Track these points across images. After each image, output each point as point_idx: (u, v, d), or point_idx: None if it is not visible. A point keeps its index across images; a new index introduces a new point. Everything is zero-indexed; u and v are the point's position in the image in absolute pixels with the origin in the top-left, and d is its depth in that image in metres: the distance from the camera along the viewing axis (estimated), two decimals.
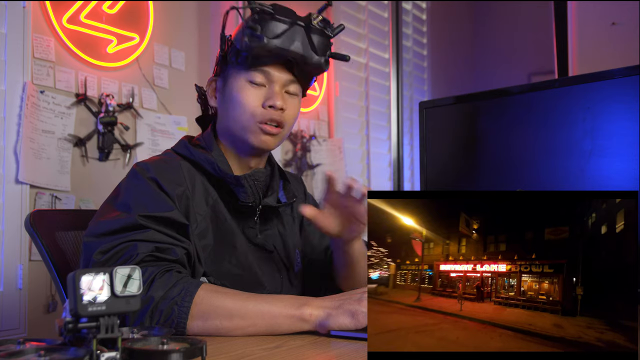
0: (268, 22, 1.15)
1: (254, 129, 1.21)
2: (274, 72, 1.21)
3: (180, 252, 1.07)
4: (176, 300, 0.97)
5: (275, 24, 1.15)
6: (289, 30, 1.16)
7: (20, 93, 1.99)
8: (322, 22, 1.20)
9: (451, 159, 1.65)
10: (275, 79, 1.21)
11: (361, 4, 3.60)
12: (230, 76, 1.23)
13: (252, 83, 1.21)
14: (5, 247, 1.94)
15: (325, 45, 1.21)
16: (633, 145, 1.31)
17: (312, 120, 3.25)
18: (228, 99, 1.23)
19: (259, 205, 1.25)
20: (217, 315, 0.97)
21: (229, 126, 1.24)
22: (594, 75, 1.39)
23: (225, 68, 1.25)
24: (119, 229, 1.05)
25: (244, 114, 1.21)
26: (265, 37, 1.14)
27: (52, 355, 0.59)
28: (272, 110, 1.20)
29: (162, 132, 2.45)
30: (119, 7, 2.32)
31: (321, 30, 1.20)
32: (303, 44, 1.17)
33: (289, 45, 1.16)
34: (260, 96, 1.21)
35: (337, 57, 1.25)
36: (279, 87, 1.22)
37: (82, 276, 0.59)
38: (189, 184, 1.17)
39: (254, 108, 1.20)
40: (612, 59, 3.01)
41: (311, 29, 1.18)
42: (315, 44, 1.19)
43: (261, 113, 1.20)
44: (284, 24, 1.16)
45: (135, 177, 1.15)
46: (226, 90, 1.24)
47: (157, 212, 1.07)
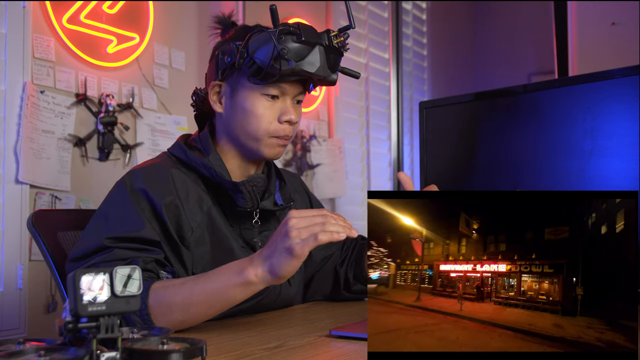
0: (294, 45, 1.15)
1: (268, 142, 1.23)
2: (288, 87, 1.22)
3: (143, 261, 1.08)
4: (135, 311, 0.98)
5: (301, 47, 1.15)
6: (312, 51, 1.17)
7: (20, 93, 1.99)
8: (341, 42, 1.21)
9: (451, 159, 1.65)
10: (289, 92, 1.23)
11: (361, 4, 3.60)
12: (242, 86, 1.22)
13: (268, 97, 1.22)
14: (5, 247, 1.94)
15: (338, 62, 1.23)
16: (633, 145, 1.31)
17: (312, 120, 3.25)
18: (239, 109, 1.23)
19: (257, 209, 1.25)
20: (174, 311, 0.99)
21: (236, 134, 1.25)
22: (594, 75, 1.39)
23: (235, 76, 1.23)
24: (89, 252, 1.09)
25: (260, 128, 1.22)
26: (293, 61, 1.15)
27: (52, 355, 0.59)
28: (287, 125, 1.23)
29: (162, 132, 2.46)
30: (119, 7, 2.32)
31: (338, 50, 1.21)
32: (322, 64, 1.18)
33: (312, 68, 1.17)
34: (276, 110, 1.23)
35: (348, 74, 1.28)
36: (290, 100, 1.24)
37: (82, 276, 0.59)
38: (179, 193, 1.18)
39: (270, 122, 1.22)
40: (612, 59, 3.01)
41: (330, 49, 1.19)
42: (331, 62, 1.20)
43: (276, 128, 1.23)
44: (308, 46, 1.16)
45: (119, 189, 1.17)
46: (236, 99, 1.23)
47: (124, 231, 1.10)
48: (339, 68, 1.24)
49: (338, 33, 1.20)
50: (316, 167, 3.21)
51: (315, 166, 3.21)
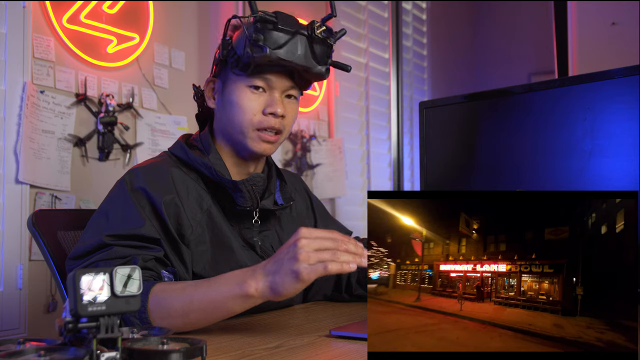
0: (270, 32, 1.14)
1: (253, 136, 1.22)
2: (274, 79, 1.21)
3: (142, 259, 1.07)
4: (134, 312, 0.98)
5: (278, 34, 1.14)
6: (291, 40, 1.15)
7: (20, 93, 1.99)
8: (325, 32, 1.18)
9: (451, 159, 1.65)
10: (276, 85, 1.21)
11: (361, 4, 3.60)
12: (230, 79, 1.23)
13: (252, 88, 1.21)
14: (5, 247, 1.94)
15: (326, 54, 1.21)
16: (633, 145, 1.31)
17: (312, 120, 3.25)
18: (227, 102, 1.23)
19: (257, 208, 1.25)
20: (173, 316, 0.98)
21: (227, 130, 1.25)
22: (594, 75, 1.39)
23: (225, 70, 1.24)
24: (89, 250, 1.09)
25: (244, 120, 1.21)
26: (268, 47, 1.13)
27: (52, 355, 0.59)
28: (272, 117, 1.21)
29: (162, 132, 2.46)
30: (119, 7, 2.32)
31: (323, 40, 1.19)
32: (305, 54, 1.17)
33: (291, 56, 1.15)
34: (261, 102, 1.21)
35: (338, 67, 1.25)
36: (278, 93, 1.22)
37: (82, 276, 0.59)
38: (179, 192, 1.18)
39: (254, 114, 1.21)
40: (612, 59, 3.01)
41: (314, 39, 1.17)
42: (317, 53, 1.18)
43: (260, 120, 1.21)
44: (286, 34, 1.15)
45: (120, 188, 1.17)
46: (225, 93, 1.24)
47: (124, 229, 1.10)
48: (328, 62, 1.22)
49: (321, 23, 1.19)
50: (316, 167, 3.21)
51: (315, 166, 3.21)
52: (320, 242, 0.93)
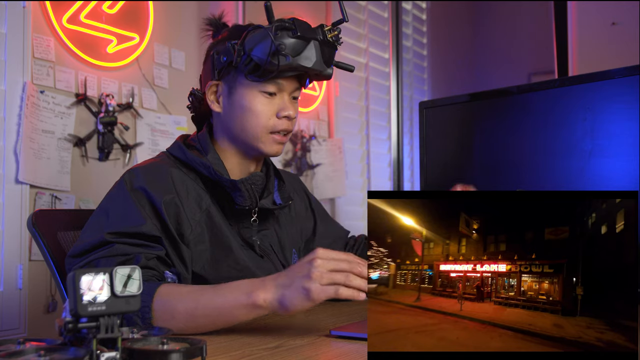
0: (290, 39, 1.16)
1: (267, 139, 1.24)
2: (286, 83, 1.23)
3: (145, 257, 1.07)
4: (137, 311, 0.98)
5: (297, 42, 1.16)
6: (307, 46, 1.17)
7: (20, 93, 1.99)
8: (335, 37, 1.21)
9: (451, 159, 1.65)
10: (286, 88, 1.24)
11: (361, 4, 3.60)
12: (240, 84, 1.23)
13: (265, 93, 1.22)
14: (5, 247, 1.94)
15: (333, 56, 1.24)
16: (633, 145, 1.31)
17: (312, 120, 3.25)
18: (237, 106, 1.24)
19: (256, 207, 1.26)
20: (177, 319, 0.98)
21: (237, 133, 1.25)
22: (594, 75, 1.39)
23: (233, 75, 1.24)
24: (90, 248, 1.09)
25: (259, 125, 1.23)
26: (290, 56, 1.15)
27: (52, 355, 0.59)
28: (286, 120, 1.24)
29: (162, 132, 2.46)
30: (119, 7, 2.32)
31: (333, 44, 1.21)
32: (318, 59, 1.19)
33: (309, 63, 1.17)
34: (274, 106, 1.24)
35: (343, 67, 1.28)
36: (288, 96, 1.25)
37: (82, 276, 0.59)
38: (179, 191, 1.18)
39: (268, 118, 1.23)
40: (612, 59, 3.00)
41: (325, 43, 1.20)
42: (326, 56, 1.21)
43: (275, 123, 1.24)
44: (304, 41, 1.17)
45: (120, 187, 1.17)
46: (234, 98, 1.24)
47: (125, 227, 1.10)
48: (333, 62, 1.24)
49: (331, 27, 1.21)
50: (316, 167, 3.21)
51: (315, 166, 3.21)
52: (335, 263, 0.94)
